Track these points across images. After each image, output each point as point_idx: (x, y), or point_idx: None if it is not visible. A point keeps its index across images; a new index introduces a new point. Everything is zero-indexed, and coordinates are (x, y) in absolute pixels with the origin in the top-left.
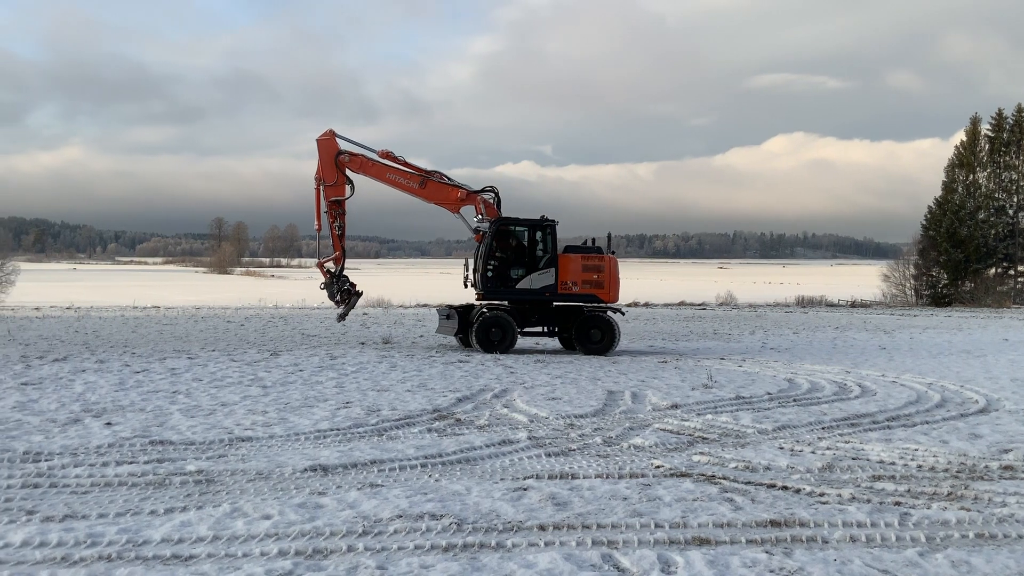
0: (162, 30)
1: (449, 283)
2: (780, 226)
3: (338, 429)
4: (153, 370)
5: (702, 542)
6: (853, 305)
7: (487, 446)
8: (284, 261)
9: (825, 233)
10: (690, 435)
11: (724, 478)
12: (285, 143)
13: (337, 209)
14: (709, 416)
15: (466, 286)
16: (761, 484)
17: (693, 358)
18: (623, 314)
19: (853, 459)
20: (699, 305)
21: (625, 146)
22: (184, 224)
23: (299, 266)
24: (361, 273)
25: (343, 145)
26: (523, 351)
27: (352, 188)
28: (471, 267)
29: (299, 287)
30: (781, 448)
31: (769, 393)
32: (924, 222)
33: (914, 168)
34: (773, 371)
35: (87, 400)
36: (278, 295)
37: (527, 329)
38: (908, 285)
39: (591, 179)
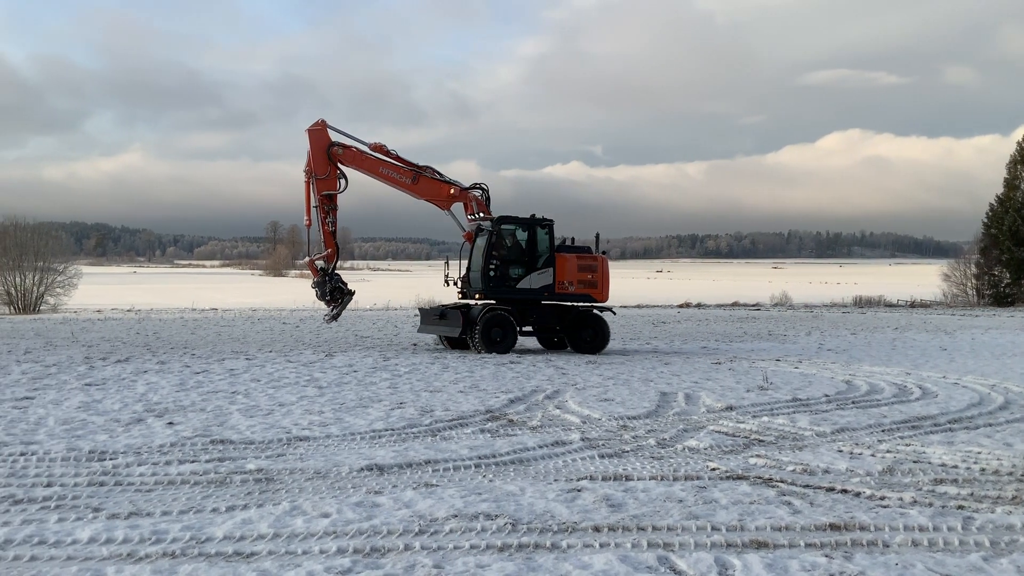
0: (215, 37)
1: None
2: (836, 225)
3: (392, 429)
4: (212, 371)
5: (760, 545)
6: (912, 305)
7: (540, 447)
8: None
9: (883, 232)
10: (746, 437)
11: (782, 481)
12: None
13: (329, 204)
14: (765, 418)
15: (447, 284)
16: (820, 487)
17: (747, 359)
18: (614, 313)
19: (914, 462)
20: (753, 306)
21: (675, 145)
22: (240, 228)
23: (351, 268)
24: (412, 276)
25: (335, 137)
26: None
27: (346, 182)
28: (464, 266)
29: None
30: (840, 451)
31: (827, 395)
32: (985, 220)
33: (973, 165)
34: (831, 373)
35: (149, 400)
36: None
37: (524, 328)
38: (969, 284)
39: (640, 179)
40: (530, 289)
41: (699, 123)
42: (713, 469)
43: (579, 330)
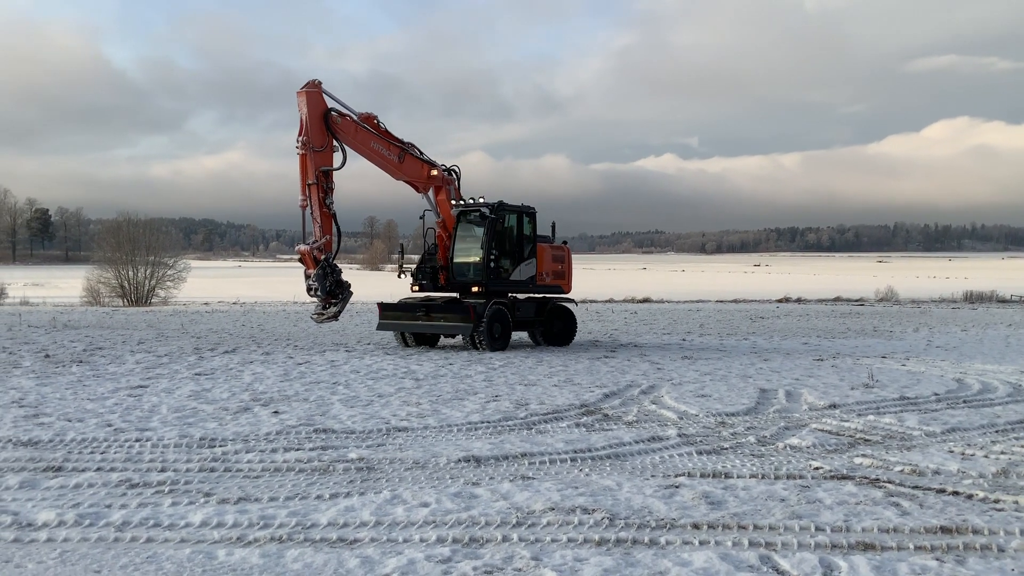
0: (309, 37)
1: (594, 278)
2: (945, 217)
3: (488, 422)
4: (314, 362)
5: (867, 547)
6: None
7: (636, 442)
8: None
9: (996, 224)
10: (851, 436)
11: (889, 482)
12: (429, 143)
13: (327, 181)
14: (871, 417)
15: (401, 275)
16: (930, 489)
17: (851, 356)
18: (576, 304)
19: None
20: (856, 301)
21: (769, 136)
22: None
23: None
24: None
25: (329, 103)
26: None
27: (343, 158)
28: (437, 256)
29: None
30: (951, 452)
31: (936, 394)
32: None
33: None
34: (940, 370)
35: (255, 390)
36: None
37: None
38: None
39: (733, 171)
40: (520, 281)
41: (794, 113)
42: (816, 468)
43: (551, 322)
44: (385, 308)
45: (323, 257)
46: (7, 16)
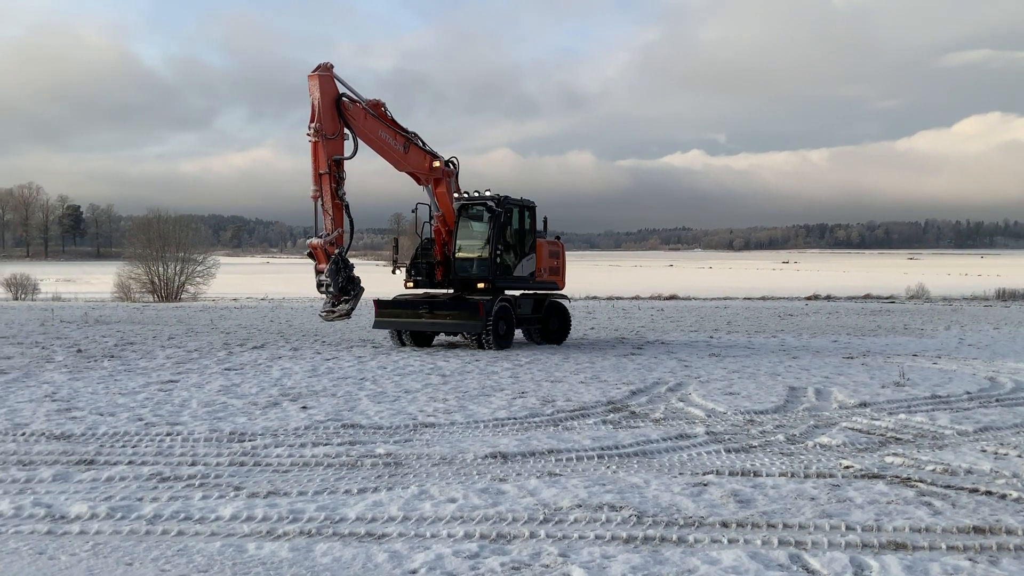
0: (334, 36)
1: (621, 275)
2: (977, 213)
3: (515, 418)
4: (342, 358)
5: (898, 547)
6: None
7: (663, 440)
8: None
9: None
10: (881, 435)
11: (921, 481)
12: (454, 140)
13: (339, 172)
14: (902, 415)
15: (396, 271)
16: (962, 488)
17: (881, 354)
18: (570, 301)
19: None
20: (887, 298)
21: (796, 132)
22: (364, 219)
23: None
24: None
25: (340, 89)
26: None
27: (355, 147)
28: (436, 251)
29: None
30: (983, 451)
31: (968, 392)
32: None
33: None
34: (972, 369)
35: (284, 385)
36: None
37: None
38: None
39: (760, 167)
40: (522, 277)
41: (823, 109)
42: (847, 467)
43: (549, 319)
44: (383, 305)
45: (336, 252)
46: (40, 17)
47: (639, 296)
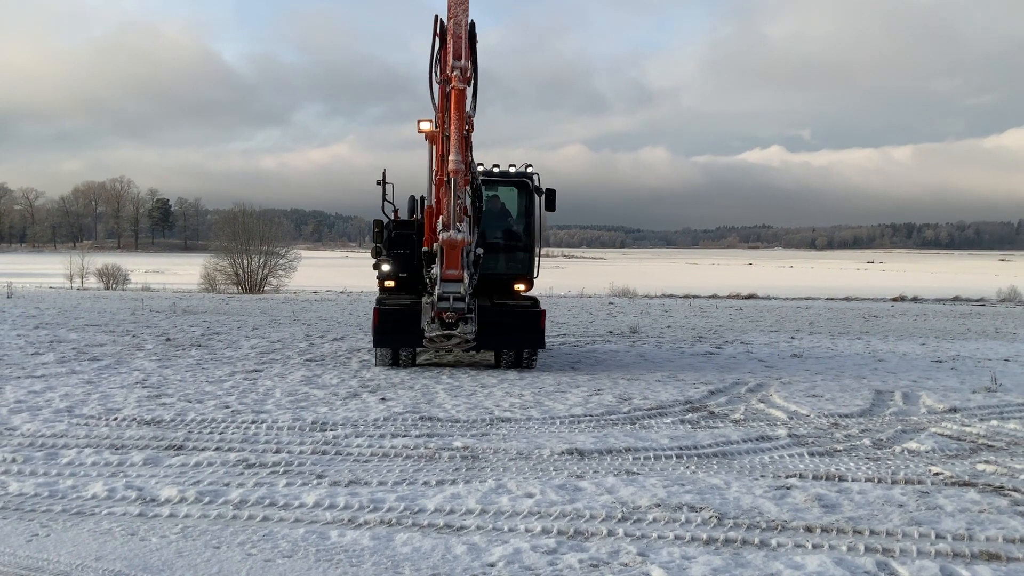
0: (405, 33)
1: (698, 273)
2: None
3: (591, 415)
4: (418, 351)
5: (991, 557)
6: None
7: (744, 441)
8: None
9: None
10: (972, 442)
11: (1015, 490)
12: (529, 136)
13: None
14: (994, 422)
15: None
16: None
17: (972, 358)
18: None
19: None
20: (977, 301)
21: (877, 129)
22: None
23: (546, 255)
24: (607, 263)
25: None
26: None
27: (475, 101)
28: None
29: (546, 276)
30: None
31: None
32: None
33: None
34: None
35: (363, 377)
36: None
37: None
38: None
39: (841, 164)
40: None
41: (904, 104)
42: (936, 474)
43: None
44: (386, 315)
45: (477, 253)
46: (126, 16)
47: (717, 295)
